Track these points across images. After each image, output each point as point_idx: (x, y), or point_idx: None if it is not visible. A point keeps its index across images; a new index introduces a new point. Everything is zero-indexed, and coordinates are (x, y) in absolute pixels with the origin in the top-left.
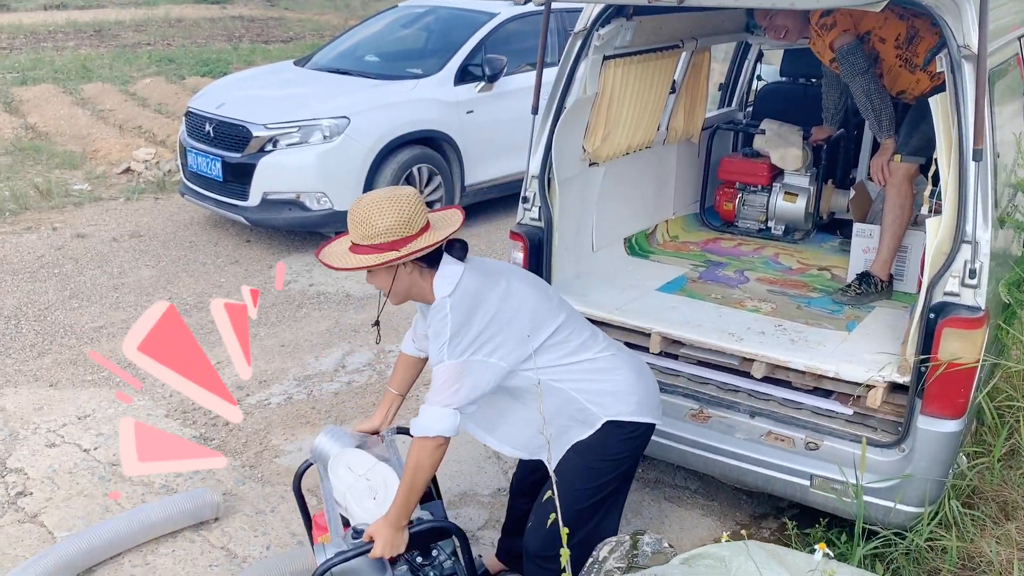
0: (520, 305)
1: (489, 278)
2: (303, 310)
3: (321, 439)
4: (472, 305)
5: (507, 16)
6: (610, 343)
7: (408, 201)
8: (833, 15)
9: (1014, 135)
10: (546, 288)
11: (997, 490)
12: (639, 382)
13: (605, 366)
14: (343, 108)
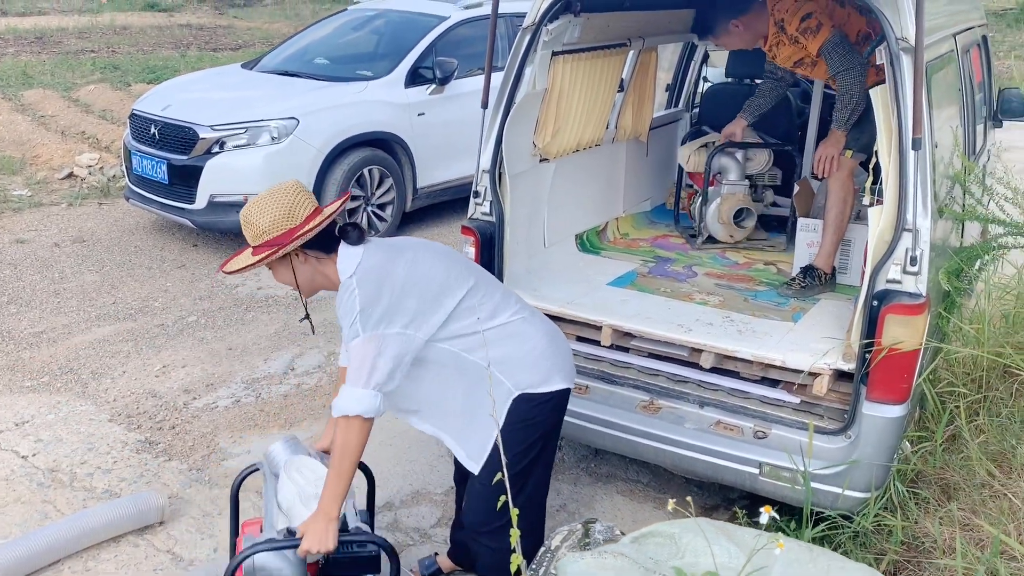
0: (428, 271)
1: (392, 251)
2: (251, 313)
3: (277, 447)
4: (379, 277)
5: (457, 19)
6: (522, 306)
7: (286, 193)
8: (815, 16)
9: (951, 128)
10: (452, 254)
11: (939, 473)
12: (551, 346)
13: (516, 331)
14: (292, 109)
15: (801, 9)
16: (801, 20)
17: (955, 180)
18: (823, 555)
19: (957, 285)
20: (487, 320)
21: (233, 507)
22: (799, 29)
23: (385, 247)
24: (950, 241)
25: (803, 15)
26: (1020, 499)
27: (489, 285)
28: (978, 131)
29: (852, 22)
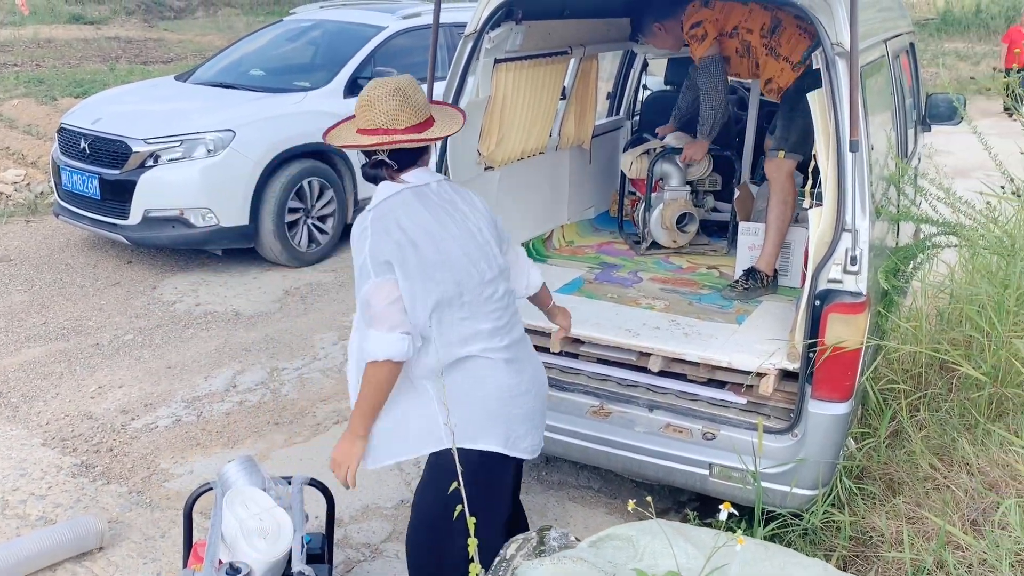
0: (444, 259)
1: (429, 211)
2: (190, 330)
3: (231, 467)
4: (392, 228)
5: (396, 29)
6: (513, 343)
7: (416, 89)
8: (703, 25)
9: (885, 131)
10: (481, 255)
11: (884, 468)
12: (500, 407)
13: (479, 372)
14: (228, 121)
15: (693, 16)
16: (691, 27)
17: (890, 182)
18: (779, 552)
19: (895, 284)
20: (462, 343)
21: (186, 528)
22: (688, 34)
23: (428, 200)
24: (887, 241)
25: (693, 22)
26: (962, 491)
27: (491, 305)
28: (909, 135)
29: (755, 16)
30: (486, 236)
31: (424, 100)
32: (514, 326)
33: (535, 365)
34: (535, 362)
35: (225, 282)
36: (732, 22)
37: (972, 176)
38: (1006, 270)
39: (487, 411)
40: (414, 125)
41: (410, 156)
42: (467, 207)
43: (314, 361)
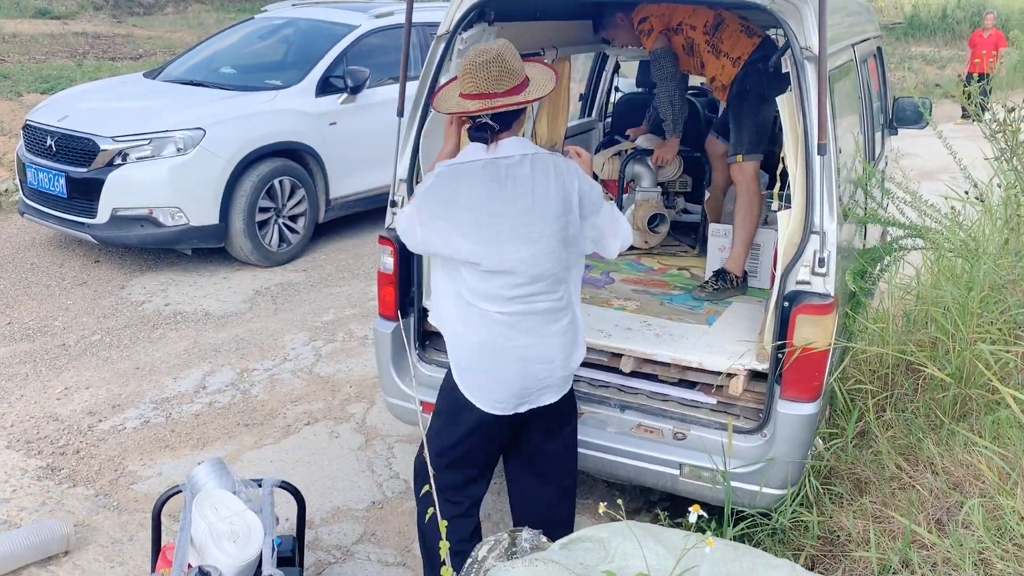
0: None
1: (485, 187)
2: (159, 330)
3: (201, 470)
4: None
5: (368, 28)
6: (520, 313)
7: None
8: (649, 20)
9: (852, 135)
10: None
11: (851, 468)
12: (478, 358)
13: (466, 321)
14: (198, 119)
15: (640, 12)
16: (639, 22)
17: (858, 184)
18: (748, 553)
19: (862, 285)
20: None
21: (155, 531)
22: (637, 29)
23: (483, 171)
24: (854, 243)
25: (641, 17)
26: (927, 490)
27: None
28: (876, 138)
29: (698, 13)
30: (540, 228)
31: (520, 64)
32: (535, 302)
33: (540, 340)
34: (541, 338)
35: (195, 282)
36: (677, 18)
37: (938, 179)
38: (970, 273)
39: (469, 355)
40: (511, 88)
41: (507, 118)
42: (536, 192)
43: (284, 362)
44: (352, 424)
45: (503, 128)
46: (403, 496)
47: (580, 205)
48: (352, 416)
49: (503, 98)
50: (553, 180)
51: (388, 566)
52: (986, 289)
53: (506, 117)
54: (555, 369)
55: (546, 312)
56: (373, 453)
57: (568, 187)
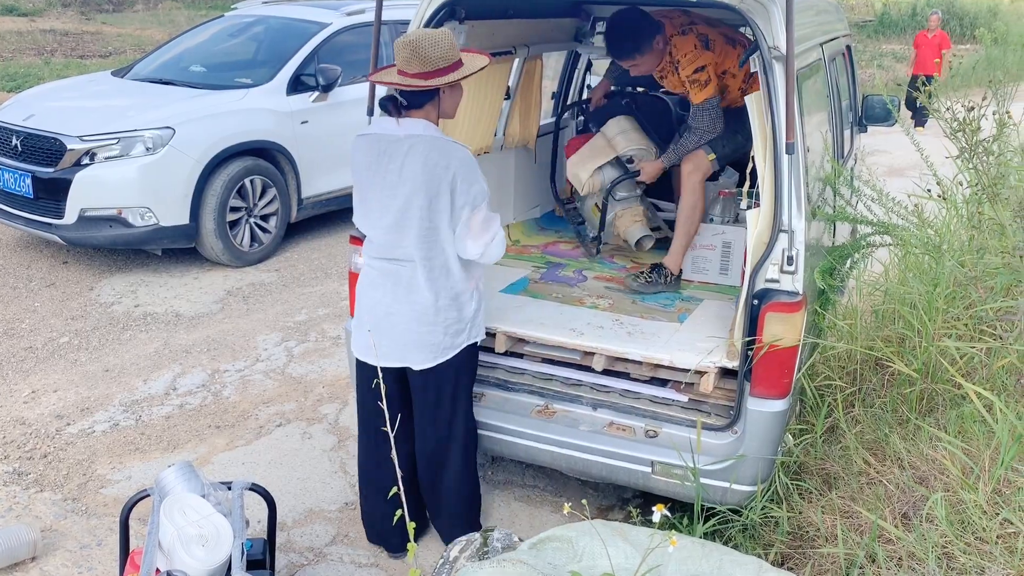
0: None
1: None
2: (128, 332)
3: (169, 473)
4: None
5: (340, 26)
6: (372, 249)
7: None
8: (707, 70)
9: (821, 133)
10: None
11: (820, 464)
12: (360, 314)
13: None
14: (167, 118)
15: (697, 60)
16: (695, 71)
17: (826, 183)
18: (715, 550)
19: (831, 283)
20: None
21: (123, 535)
22: (690, 78)
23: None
24: (823, 241)
25: (698, 66)
26: (894, 484)
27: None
28: (845, 136)
29: (730, 58)
30: (400, 203)
31: (441, 53)
32: (399, 266)
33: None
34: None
35: (165, 282)
36: (723, 65)
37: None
38: (936, 269)
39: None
40: (420, 73)
41: (414, 97)
42: (404, 171)
43: (256, 363)
44: (325, 425)
45: (410, 105)
46: None
47: (452, 194)
48: (325, 417)
49: (409, 78)
50: (422, 163)
51: (361, 567)
52: (951, 286)
53: (413, 96)
54: (412, 332)
55: (410, 278)
56: (346, 454)
57: (440, 174)
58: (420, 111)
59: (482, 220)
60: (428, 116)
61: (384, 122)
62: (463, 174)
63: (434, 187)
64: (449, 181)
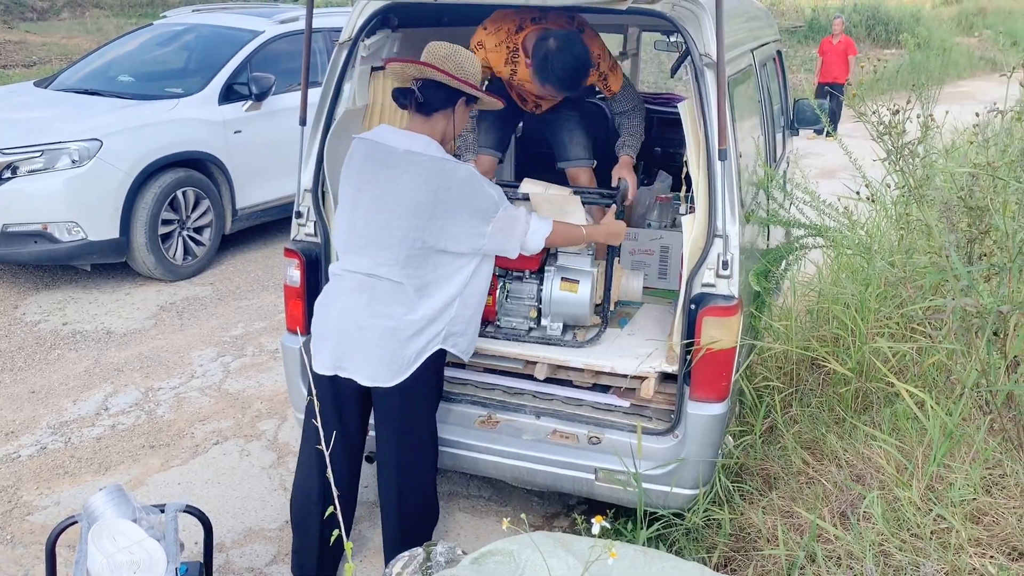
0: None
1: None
2: (56, 351)
3: (98, 498)
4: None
5: (273, 34)
6: (350, 260)
7: None
8: (605, 61)
9: (753, 138)
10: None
11: (761, 464)
12: (314, 325)
13: (328, 289)
14: (94, 130)
15: (604, 49)
16: (610, 60)
17: (759, 187)
18: (657, 558)
19: (766, 285)
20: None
21: (49, 565)
22: (609, 68)
23: (368, 151)
24: (758, 244)
25: (607, 55)
26: (831, 483)
27: (353, 221)
28: (778, 140)
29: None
30: (388, 220)
31: (472, 69)
32: (376, 279)
33: (362, 309)
34: (364, 308)
35: (95, 299)
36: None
37: (839, 176)
38: (867, 270)
39: (317, 326)
40: (453, 75)
41: (433, 97)
42: (397, 188)
43: (192, 379)
44: (263, 441)
45: (424, 104)
46: None
47: (462, 214)
48: (263, 433)
49: (440, 73)
50: (422, 186)
51: None
52: (882, 285)
53: (434, 95)
54: (383, 348)
55: (388, 295)
56: (286, 470)
57: (443, 197)
58: (427, 121)
59: (505, 223)
60: (433, 130)
61: (387, 131)
62: (467, 194)
63: (436, 210)
64: (453, 204)
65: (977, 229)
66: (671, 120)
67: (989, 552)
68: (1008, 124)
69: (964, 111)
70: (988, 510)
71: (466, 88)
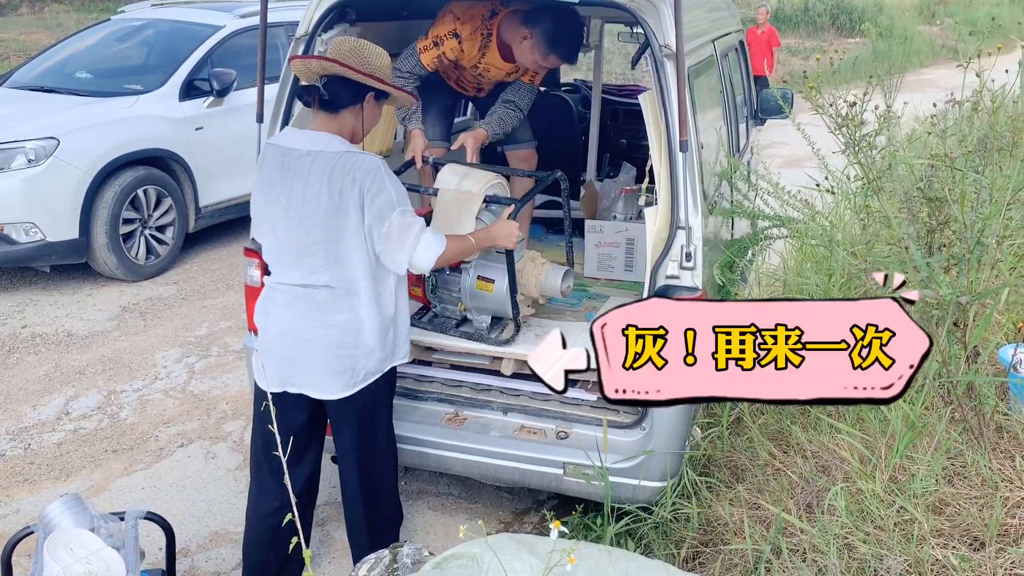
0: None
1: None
2: (15, 355)
3: (54, 507)
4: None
5: (234, 29)
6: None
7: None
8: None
9: (715, 129)
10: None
11: (728, 456)
12: (265, 340)
13: (264, 303)
14: (50, 128)
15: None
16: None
17: (723, 177)
18: (622, 557)
19: (730, 277)
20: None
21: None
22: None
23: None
24: (722, 235)
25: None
26: (797, 475)
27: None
28: (741, 130)
29: None
30: (306, 224)
31: (379, 63)
32: (307, 286)
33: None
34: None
35: (55, 301)
36: None
37: (805, 165)
38: (829, 260)
39: (262, 342)
40: (355, 68)
41: (342, 97)
42: (308, 190)
43: (155, 381)
44: (229, 443)
45: (330, 103)
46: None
47: (361, 210)
48: (229, 435)
49: (343, 68)
50: (327, 181)
51: None
52: (845, 276)
53: (337, 92)
54: (328, 359)
55: (323, 303)
56: None
57: (347, 190)
58: (334, 119)
59: (398, 229)
60: (341, 127)
61: (291, 133)
62: (368, 186)
63: (341, 206)
64: (357, 198)
65: (936, 220)
66: (635, 112)
67: (951, 543)
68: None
69: (926, 99)
70: (950, 501)
71: (374, 83)
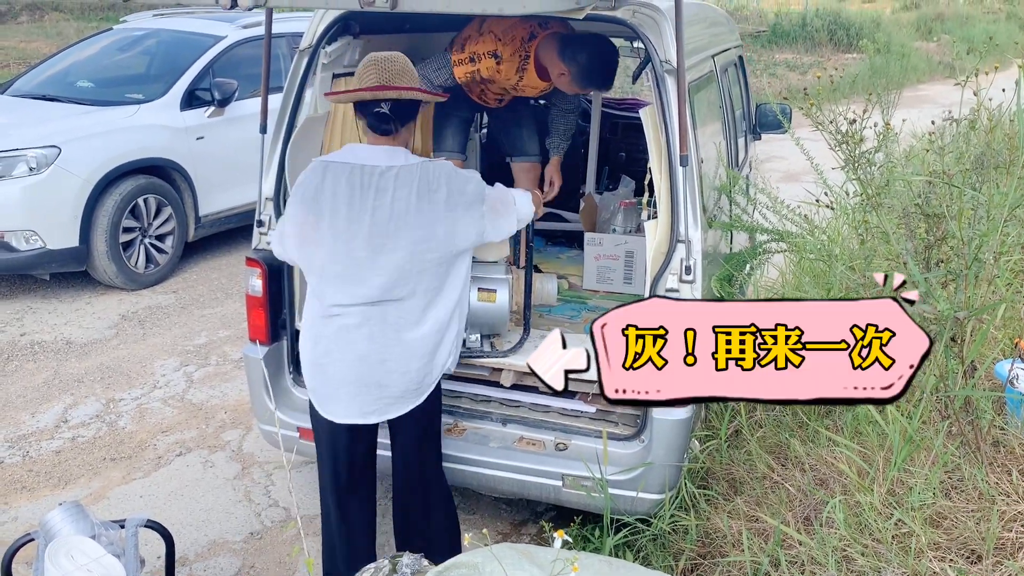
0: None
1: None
2: (13, 363)
3: (55, 515)
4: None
5: (236, 39)
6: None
7: None
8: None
9: (715, 143)
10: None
11: (726, 469)
12: (315, 370)
13: (309, 330)
14: (52, 136)
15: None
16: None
17: (722, 191)
18: (622, 567)
19: (729, 291)
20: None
21: None
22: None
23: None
24: (721, 248)
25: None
26: (795, 488)
27: (336, 251)
28: (740, 144)
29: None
30: (395, 241)
31: (418, 72)
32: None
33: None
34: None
35: (54, 308)
36: None
37: (803, 179)
38: (828, 274)
39: (308, 369)
40: (409, 87)
41: (404, 112)
42: (396, 205)
43: (154, 390)
44: (227, 452)
45: (399, 122)
46: (283, 525)
47: (456, 210)
48: (227, 444)
49: (404, 91)
50: (415, 192)
51: None
52: (844, 290)
53: (404, 113)
54: (411, 373)
55: (400, 317)
56: (251, 481)
57: (435, 196)
58: (399, 136)
59: (498, 199)
60: (405, 140)
61: (359, 149)
62: (454, 185)
63: (432, 214)
64: (444, 201)
65: (934, 236)
66: (635, 125)
67: (948, 556)
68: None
69: (923, 115)
70: (947, 514)
71: (427, 97)
